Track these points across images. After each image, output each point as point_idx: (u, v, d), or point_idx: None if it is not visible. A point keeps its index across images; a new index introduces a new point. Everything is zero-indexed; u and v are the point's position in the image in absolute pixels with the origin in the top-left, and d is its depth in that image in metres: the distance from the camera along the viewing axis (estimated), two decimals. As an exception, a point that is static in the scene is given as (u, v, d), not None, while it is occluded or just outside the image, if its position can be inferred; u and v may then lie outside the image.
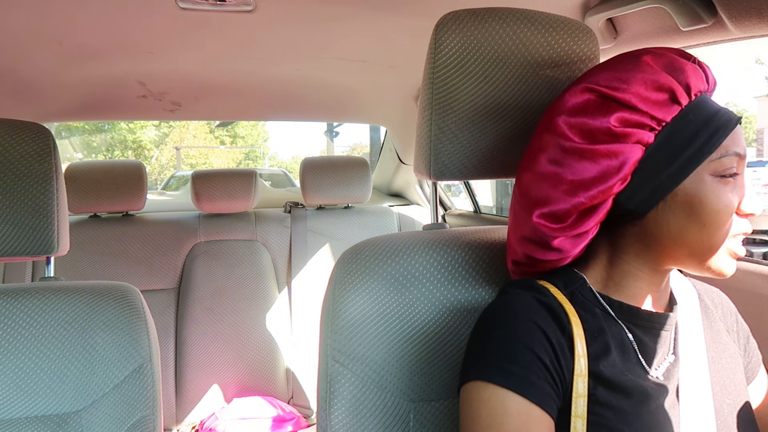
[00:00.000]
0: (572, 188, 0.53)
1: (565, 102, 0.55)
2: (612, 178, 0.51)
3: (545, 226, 0.55)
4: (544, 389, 0.49)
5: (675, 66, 0.52)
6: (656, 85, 0.51)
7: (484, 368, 0.51)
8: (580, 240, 0.55)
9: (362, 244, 0.71)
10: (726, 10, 0.75)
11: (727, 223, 0.52)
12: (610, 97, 0.52)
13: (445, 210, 2.32)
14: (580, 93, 0.54)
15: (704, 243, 0.52)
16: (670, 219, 0.53)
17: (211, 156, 18.90)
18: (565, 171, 0.53)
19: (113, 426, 0.71)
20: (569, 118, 0.54)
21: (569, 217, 0.54)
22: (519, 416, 0.48)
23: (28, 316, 0.72)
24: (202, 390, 1.83)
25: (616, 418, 0.50)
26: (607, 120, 0.51)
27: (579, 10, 0.98)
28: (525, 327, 0.52)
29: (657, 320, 0.57)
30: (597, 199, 0.52)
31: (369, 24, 1.20)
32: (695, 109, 0.52)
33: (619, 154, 0.51)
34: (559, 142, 0.54)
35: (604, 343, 0.54)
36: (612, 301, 0.57)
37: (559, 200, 0.54)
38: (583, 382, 0.51)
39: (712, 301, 0.67)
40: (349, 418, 0.64)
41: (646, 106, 0.51)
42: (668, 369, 0.57)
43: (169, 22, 1.15)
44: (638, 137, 0.51)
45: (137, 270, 1.84)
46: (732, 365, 0.62)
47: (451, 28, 0.65)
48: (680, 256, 0.54)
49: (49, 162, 0.78)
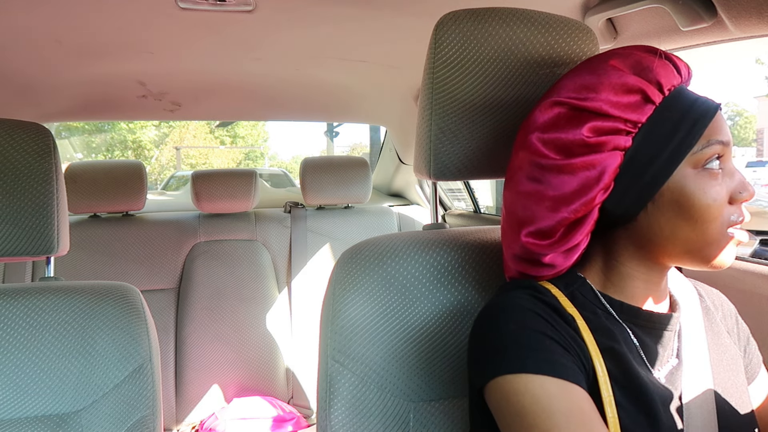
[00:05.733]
0: (554, 204, 0.53)
1: (536, 119, 0.55)
2: (593, 189, 0.51)
3: (534, 244, 0.55)
4: (573, 368, 0.48)
5: (643, 65, 0.51)
6: (625, 88, 0.51)
7: (507, 361, 0.49)
8: (571, 253, 0.55)
9: (362, 244, 0.71)
10: (726, 10, 0.75)
11: (719, 215, 0.51)
12: (580, 108, 0.52)
13: (445, 210, 2.32)
14: (549, 108, 0.54)
15: (699, 238, 0.51)
16: (660, 219, 0.52)
17: (211, 156, 18.88)
18: (545, 188, 0.53)
19: (113, 426, 0.71)
20: (542, 134, 0.53)
21: (556, 233, 0.53)
22: (564, 396, 0.46)
23: (28, 316, 0.72)
24: (202, 390, 1.83)
25: (627, 417, 0.50)
26: (579, 132, 0.51)
27: (579, 10, 0.98)
28: (531, 317, 0.51)
29: (658, 320, 0.56)
30: (581, 212, 0.52)
31: (369, 24, 1.20)
32: (671, 104, 0.51)
33: (596, 164, 0.51)
34: (535, 159, 0.54)
35: (610, 341, 0.53)
36: (613, 301, 0.56)
37: (543, 217, 0.53)
38: (601, 363, 0.50)
39: (713, 303, 0.66)
40: (349, 418, 0.64)
41: (618, 110, 0.50)
42: (671, 372, 0.56)
43: (169, 22, 1.15)
44: (614, 143, 0.51)
45: (137, 270, 1.84)
46: (733, 367, 0.62)
47: (450, 27, 0.65)
48: (676, 254, 0.53)
49: (49, 162, 0.78)
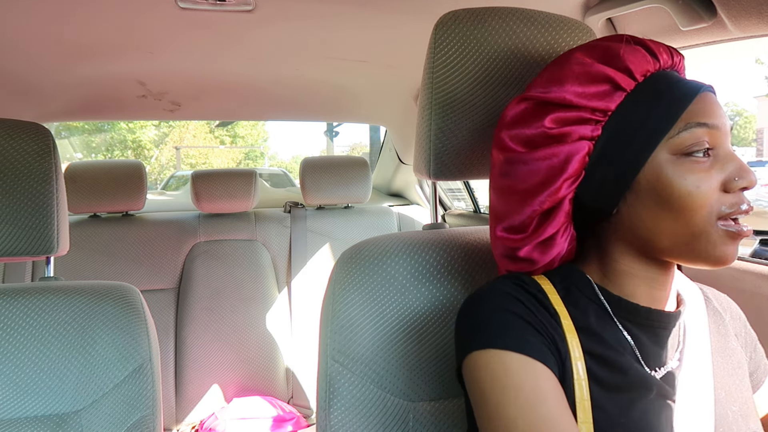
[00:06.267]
0: (523, 197, 0.54)
1: (504, 117, 0.56)
2: (557, 179, 0.51)
3: (508, 239, 0.56)
4: (540, 348, 0.49)
5: (610, 53, 0.51)
6: (590, 78, 0.51)
7: (476, 339, 0.50)
8: (548, 247, 0.55)
9: (362, 244, 0.71)
10: (726, 9, 0.75)
11: (704, 204, 0.48)
12: (544, 101, 0.52)
13: (444, 210, 2.32)
14: (516, 104, 0.55)
15: (683, 230, 0.49)
16: (641, 210, 0.51)
17: (211, 156, 18.88)
18: (514, 181, 0.54)
19: (113, 426, 0.71)
20: (509, 131, 0.55)
21: (528, 227, 0.54)
22: (522, 372, 0.47)
23: (28, 316, 0.72)
24: (202, 390, 1.83)
25: (606, 420, 0.49)
26: (541, 124, 0.52)
27: (579, 9, 0.98)
28: (509, 300, 0.51)
29: (657, 319, 0.55)
30: (547, 203, 0.52)
31: (369, 24, 1.20)
32: (645, 90, 0.51)
33: (558, 154, 0.51)
34: (504, 155, 0.55)
35: (596, 342, 0.52)
36: (611, 297, 0.55)
37: (514, 211, 0.55)
38: (582, 364, 0.50)
39: (721, 305, 0.65)
40: (349, 418, 0.64)
41: (584, 100, 0.50)
42: (670, 372, 0.55)
43: (169, 22, 1.15)
44: (579, 133, 0.51)
45: (137, 270, 1.84)
46: (739, 371, 0.61)
47: (450, 27, 0.65)
48: (664, 248, 0.51)
49: (49, 162, 0.78)
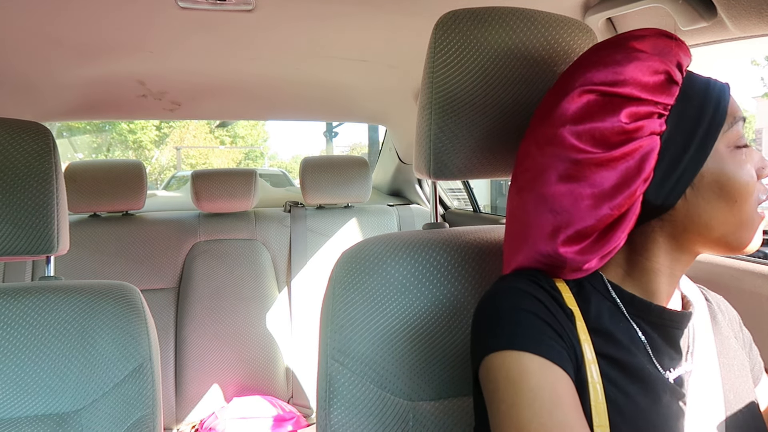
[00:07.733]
0: (595, 201, 0.49)
1: (564, 111, 0.51)
2: (635, 180, 0.49)
3: (572, 251, 0.51)
4: (559, 351, 0.48)
5: (662, 46, 0.51)
6: (652, 70, 0.50)
7: (495, 339, 0.49)
8: (608, 256, 0.52)
9: (362, 243, 0.71)
10: (726, 9, 0.75)
11: (754, 192, 0.51)
12: (612, 94, 0.49)
13: (445, 209, 2.32)
14: (578, 97, 0.51)
15: (736, 219, 0.51)
16: (700, 204, 0.51)
17: (211, 156, 18.88)
18: (581, 186, 0.50)
19: (113, 425, 0.71)
20: (575, 126, 0.50)
21: (593, 233, 0.51)
22: (539, 374, 0.46)
23: (28, 315, 0.72)
24: (202, 389, 1.83)
25: (622, 423, 0.48)
26: (617, 118, 0.49)
27: (579, 9, 0.98)
28: (527, 298, 0.51)
29: (669, 318, 0.54)
30: (624, 207, 0.50)
31: (369, 23, 1.20)
32: (690, 84, 0.51)
33: (635, 152, 0.49)
34: (569, 155, 0.50)
35: (610, 342, 0.52)
36: (623, 294, 0.54)
37: (582, 218, 0.50)
38: (595, 366, 0.50)
39: (718, 306, 0.65)
40: (349, 418, 0.64)
41: (649, 93, 0.49)
42: (682, 374, 0.54)
43: (169, 21, 1.15)
44: (651, 128, 0.49)
45: (137, 269, 1.84)
46: (743, 372, 0.61)
47: (450, 27, 0.65)
48: (711, 240, 0.52)
49: (49, 161, 0.78)
